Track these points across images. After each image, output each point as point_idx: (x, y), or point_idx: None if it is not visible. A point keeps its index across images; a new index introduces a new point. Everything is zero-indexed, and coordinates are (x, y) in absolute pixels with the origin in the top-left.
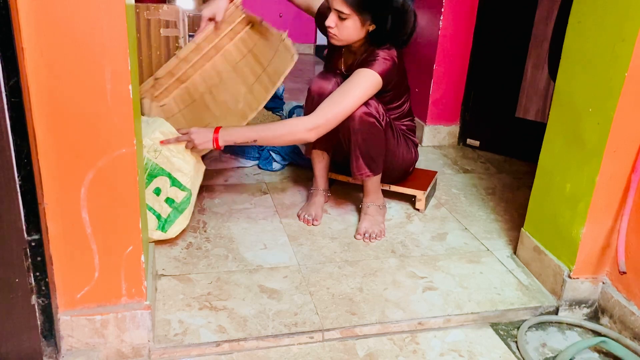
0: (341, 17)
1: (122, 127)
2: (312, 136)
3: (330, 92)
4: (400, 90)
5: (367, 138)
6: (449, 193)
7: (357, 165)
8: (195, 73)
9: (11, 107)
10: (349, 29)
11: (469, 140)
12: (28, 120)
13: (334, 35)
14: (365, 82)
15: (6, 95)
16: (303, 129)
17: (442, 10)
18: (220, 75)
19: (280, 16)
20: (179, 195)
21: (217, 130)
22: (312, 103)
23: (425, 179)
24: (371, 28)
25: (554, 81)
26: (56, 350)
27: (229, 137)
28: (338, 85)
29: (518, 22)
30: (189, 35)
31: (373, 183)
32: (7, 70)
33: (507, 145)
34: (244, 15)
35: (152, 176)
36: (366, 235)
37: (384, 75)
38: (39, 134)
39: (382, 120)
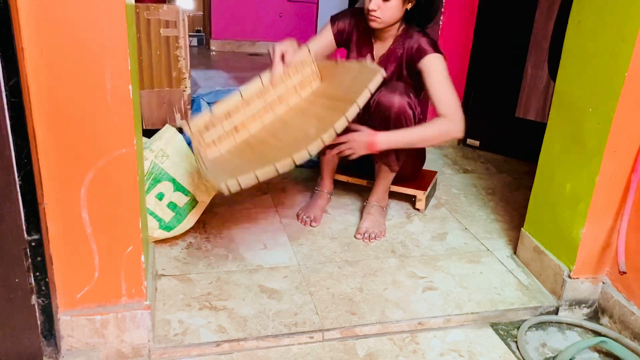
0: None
1: (122, 127)
2: (463, 132)
3: (400, 108)
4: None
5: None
6: (449, 193)
7: (388, 156)
8: (254, 122)
9: (11, 107)
10: (392, 9)
11: (469, 140)
12: (28, 120)
13: (377, 17)
14: (444, 66)
15: (6, 95)
16: (458, 129)
17: (442, 10)
18: (285, 122)
19: (280, 16)
20: (182, 200)
21: (373, 134)
22: (381, 117)
23: (425, 179)
24: (409, 6)
25: (554, 81)
26: (56, 350)
27: (386, 143)
28: (409, 95)
29: (518, 22)
30: (190, 35)
31: (388, 180)
32: (7, 70)
33: (507, 145)
34: (315, 71)
35: (156, 181)
36: (366, 235)
37: (441, 52)
38: (39, 134)
39: (417, 117)
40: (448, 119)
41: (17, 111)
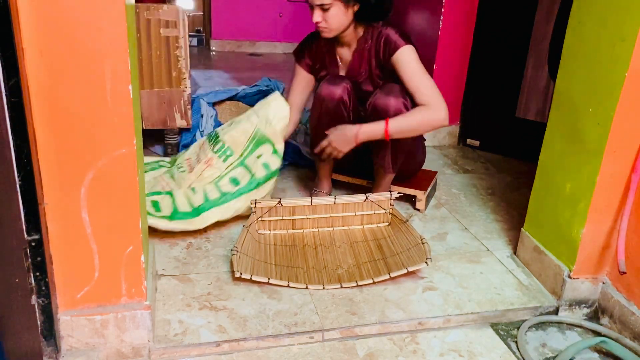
0: (325, 9)
1: (122, 127)
2: (447, 120)
3: (341, 96)
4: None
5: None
6: (449, 193)
7: (385, 159)
8: (311, 227)
9: (11, 107)
10: (336, 17)
11: (469, 140)
12: (28, 120)
13: (324, 28)
14: (416, 56)
15: (6, 95)
16: (441, 117)
17: (442, 10)
18: (334, 241)
19: (280, 16)
20: (275, 163)
21: (358, 126)
22: (321, 107)
23: (426, 179)
24: (356, 8)
25: (554, 81)
26: (56, 350)
27: (367, 133)
28: (348, 88)
29: (518, 22)
30: (190, 35)
31: (387, 182)
32: (7, 70)
33: (507, 145)
34: (388, 213)
35: (259, 143)
36: None
37: (411, 42)
38: (39, 134)
39: None
40: (429, 107)
41: (17, 111)
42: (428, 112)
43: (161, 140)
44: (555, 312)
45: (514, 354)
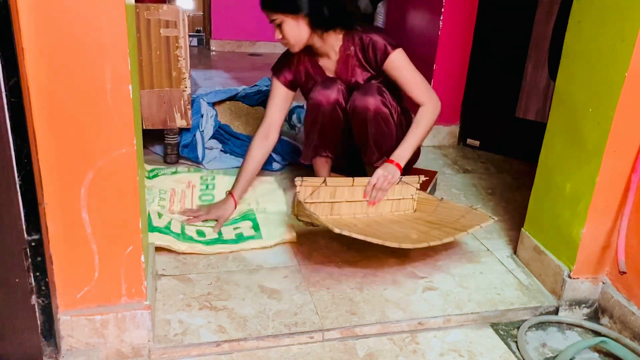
0: (279, 25)
1: (122, 127)
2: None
3: (337, 99)
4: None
5: (380, 130)
6: (449, 193)
7: (370, 156)
8: (347, 213)
9: (11, 107)
10: (290, 31)
11: (469, 140)
12: (28, 120)
13: (287, 44)
14: (406, 57)
15: (6, 95)
16: (439, 109)
17: (442, 10)
18: (379, 223)
19: None
20: (248, 233)
21: (390, 160)
22: (317, 112)
23: (425, 179)
24: (306, 19)
25: (554, 81)
26: (56, 350)
27: (403, 158)
28: (342, 91)
29: (518, 22)
30: (190, 35)
31: None
32: (7, 70)
33: (507, 145)
34: (415, 199)
35: (243, 218)
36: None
37: (398, 44)
38: (39, 134)
39: (395, 113)
40: (429, 104)
41: (17, 111)
42: (432, 111)
43: (161, 140)
44: (555, 312)
45: (514, 354)
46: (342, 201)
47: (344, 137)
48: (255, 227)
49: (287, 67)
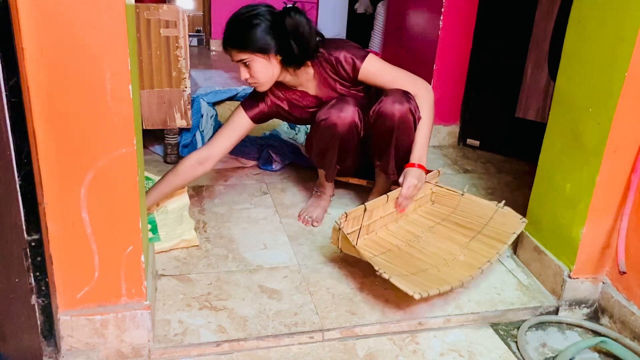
0: (246, 64)
1: (122, 127)
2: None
3: (353, 119)
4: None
5: (403, 138)
6: None
7: (389, 166)
8: (381, 227)
9: (11, 107)
10: (260, 70)
11: (469, 140)
12: (28, 120)
13: (255, 83)
14: (377, 59)
15: (6, 95)
16: (431, 93)
17: (442, 10)
18: (413, 233)
19: None
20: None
21: (411, 165)
22: (333, 134)
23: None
24: (278, 57)
25: (554, 81)
26: (56, 350)
27: (424, 158)
28: (357, 109)
29: (518, 22)
30: (190, 35)
31: (386, 185)
32: (7, 70)
33: (507, 145)
34: (432, 192)
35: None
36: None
37: (363, 50)
38: (39, 134)
39: (418, 120)
40: (419, 93)
41: (17, 111)
42: (426, 99)
43: (161, 140)
44: (555, 312)
45: (514, 354)
46: (376, 219)
47: (359, 151)
48: (154, 229)
49: (262, 101)
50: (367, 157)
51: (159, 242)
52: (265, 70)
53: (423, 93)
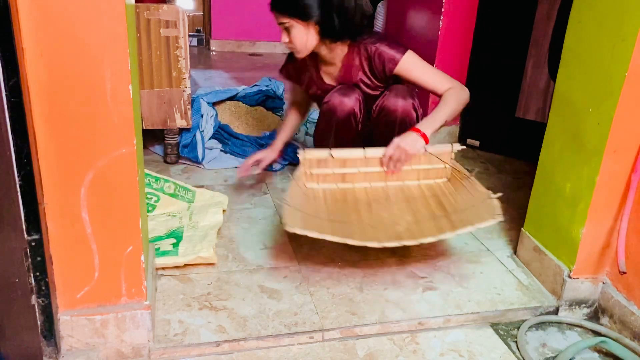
0: (287, 29)
1: (122, 127)
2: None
3: (352, 108)
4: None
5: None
6: None
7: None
8: (362, 182)
9: (11, 107)
10: (298, 37)
11: (469, 140)
12: (28, 120)
13: (293, 48)
14: (416, 57)
15: (6, 95)
16: (468, 93)
17: (442, 10)
18: (388, 197)
19: None
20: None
21: (414, 129)
22: (330, 118)
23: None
24: (316, 27)
25: (554, 81)
26: (56, 350)
27: (429, 128)
28: (360, 99)
29: (518, 22)
30: (190, 35)
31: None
32: (7, 70)
33: (507, 145)
34: (448, 169)
35: (169, 236)
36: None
37: (405, 47)
38: (39, 134)
39: (421, 117)
40: (454, 88)
41: (17, 111)
42: (459, 92)
43: (161, 140)
44: (555, 312)
45: (514, 354)
46: (355, 172)
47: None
48: (175, 243)
49: (292, 69)
50: None
51: (175, 257)
52: (302, 38)
53: (458, 89)
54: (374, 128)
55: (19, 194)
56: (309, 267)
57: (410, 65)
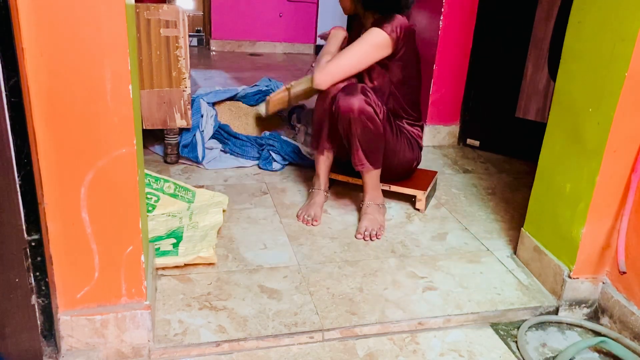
0: None
1: (122, 127)
2: (321, 83)
3: (359, 108)
4: (410, 71)
5: (366, 129)
6: (449, 193)
7: (357, 156)
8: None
9: (11, 107)
10: None
11: (469, 140)
12: (28, 120)
13: (341, 5)
14: (370, 39)
15: (6, 95)
16: (317, 80)
17: (442, 10)
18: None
19: (280, 16)
20: (167, 248)
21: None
22: (344, 121)
23: (425, 179)
24: None
25: (554, 81)
26: (56, 350)
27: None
28: (366, 94)
29: (518, 22)
30: (190, 35)
31: (372, 179)
32: (7, 70)
33: (507, 145)
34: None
35: (169, 236)
36: (366, 234)
37: (392, 34)
38: (39, 134)
39: (380, 113)
40: (319, 68)
41: (17, 111)
42: (316, 71)
43: (161, 140)
44: (555, 312)
45: (514, 354)
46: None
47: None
48: (175, 243)
49: (350, 24)
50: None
51: (175, 257)
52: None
53: (321, 72)
54: (339, 126)
55: (19, 194)
56: (309, 267)
57: (363, 36)
